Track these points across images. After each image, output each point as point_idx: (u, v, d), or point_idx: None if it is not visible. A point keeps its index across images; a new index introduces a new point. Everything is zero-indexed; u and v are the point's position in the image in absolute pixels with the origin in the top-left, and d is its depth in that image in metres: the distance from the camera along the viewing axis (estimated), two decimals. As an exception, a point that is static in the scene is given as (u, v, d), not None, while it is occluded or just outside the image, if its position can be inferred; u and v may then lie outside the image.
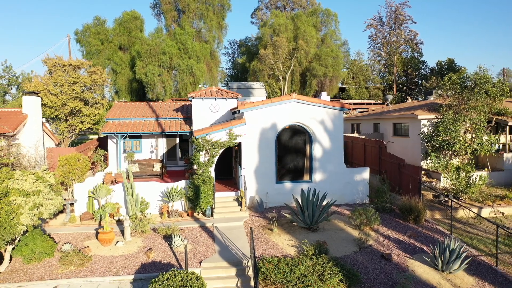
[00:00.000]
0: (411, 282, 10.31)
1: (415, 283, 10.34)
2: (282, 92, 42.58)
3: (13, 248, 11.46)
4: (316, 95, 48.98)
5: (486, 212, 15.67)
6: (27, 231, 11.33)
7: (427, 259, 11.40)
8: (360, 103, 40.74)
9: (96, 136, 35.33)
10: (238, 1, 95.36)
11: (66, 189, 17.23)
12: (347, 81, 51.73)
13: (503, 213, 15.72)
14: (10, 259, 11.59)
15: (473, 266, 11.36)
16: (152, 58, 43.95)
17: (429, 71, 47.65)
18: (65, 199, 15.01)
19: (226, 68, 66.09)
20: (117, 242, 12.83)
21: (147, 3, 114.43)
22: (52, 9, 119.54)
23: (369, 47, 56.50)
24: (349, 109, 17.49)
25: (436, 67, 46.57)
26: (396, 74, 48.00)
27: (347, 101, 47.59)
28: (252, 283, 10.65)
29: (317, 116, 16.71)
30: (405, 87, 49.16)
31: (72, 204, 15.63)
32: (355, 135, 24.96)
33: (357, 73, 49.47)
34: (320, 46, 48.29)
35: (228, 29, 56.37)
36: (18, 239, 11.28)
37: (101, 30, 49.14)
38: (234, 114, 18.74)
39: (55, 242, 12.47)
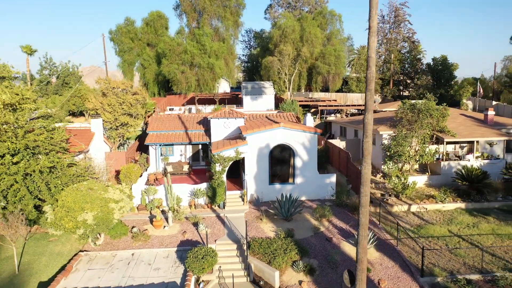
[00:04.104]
0: (338, 254, 17.48)
1: (340, 255, 17.50)
2: (288, 91, 48.89)
3: (105, 230, 19.21)
4: (322, 90, 55.00)
5: (414, 208, 22.47)
6: (113, 221, 19.02)
7: (352, 241, 18.49)
8: (352, 105, 46.64)
9: (132, 132, 43.01)
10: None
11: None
12: (351, 74, 57.31)
13: (426, 209, 22.47)
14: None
15: (382, 246, 18.37)
16: (175, 57, 50.01)
17: (424, 67, 52.64)
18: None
19: (243, 55, 72.12)
20: (164, 226, 20.45)
21: (170, 5, 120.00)
22: (82, 7, 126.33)
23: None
24: (320, 133, 24.18)
25: (432, 63, 51.54)
26: (393, 70, 53.21)
27: (349, 94, 53.41)
28: (245, 254, 18.05)
29: (298, 138, 23.52)
30: (402, 81, 54.47)
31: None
32: (337, 140, 31.58)
33: (359, 69, 54.92)
34: (326, 44, 53.69)
35: (243, 26, 61.86)
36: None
37: (131, 29, 55.57)
38: (241, 132, 25.66)
39: (126, 226, 20.19)
